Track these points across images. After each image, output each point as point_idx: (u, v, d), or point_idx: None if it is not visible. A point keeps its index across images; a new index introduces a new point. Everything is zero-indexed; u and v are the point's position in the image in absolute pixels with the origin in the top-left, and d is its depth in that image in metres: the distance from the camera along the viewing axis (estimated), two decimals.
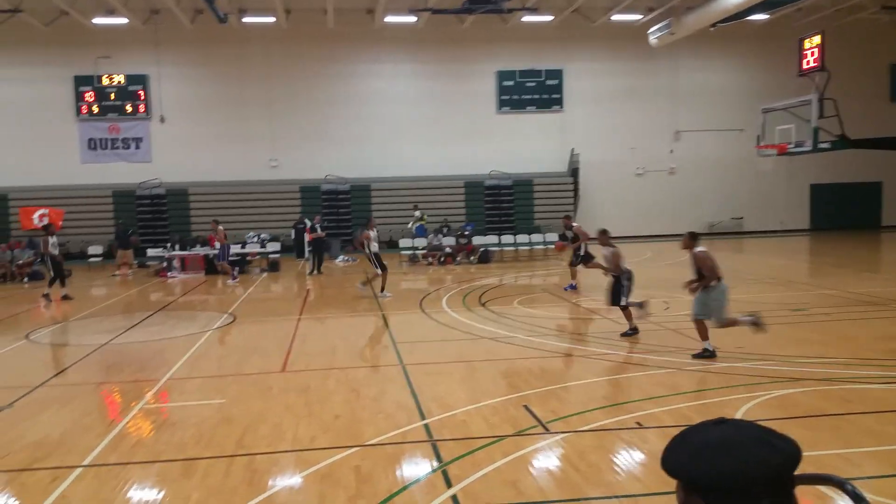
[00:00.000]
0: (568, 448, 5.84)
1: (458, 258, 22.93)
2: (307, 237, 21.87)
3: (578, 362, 8.90)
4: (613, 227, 29.90)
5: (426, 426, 6.50)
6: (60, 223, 23.91)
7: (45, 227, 17.84)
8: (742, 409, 6.64)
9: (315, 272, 20.44)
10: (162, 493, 5.25)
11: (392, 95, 28.61)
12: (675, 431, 1.33)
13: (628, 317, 10.21)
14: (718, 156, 29.84)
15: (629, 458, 5.64)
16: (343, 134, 28.13)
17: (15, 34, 25.84)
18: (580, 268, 15.53)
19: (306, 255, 22.20)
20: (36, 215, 23.46)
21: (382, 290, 15.36)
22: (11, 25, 25.28)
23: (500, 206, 28.44)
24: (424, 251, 23.17)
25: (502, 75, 29.13)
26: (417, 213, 25.63)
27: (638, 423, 6.36)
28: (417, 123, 28.57)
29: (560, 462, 5.58)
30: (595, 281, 14.42)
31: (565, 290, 15.61)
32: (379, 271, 15.22)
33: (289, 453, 5.96)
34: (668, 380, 7.85)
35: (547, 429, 6.30)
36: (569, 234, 16.43)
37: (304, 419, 6.84)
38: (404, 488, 5.14)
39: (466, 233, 24.02)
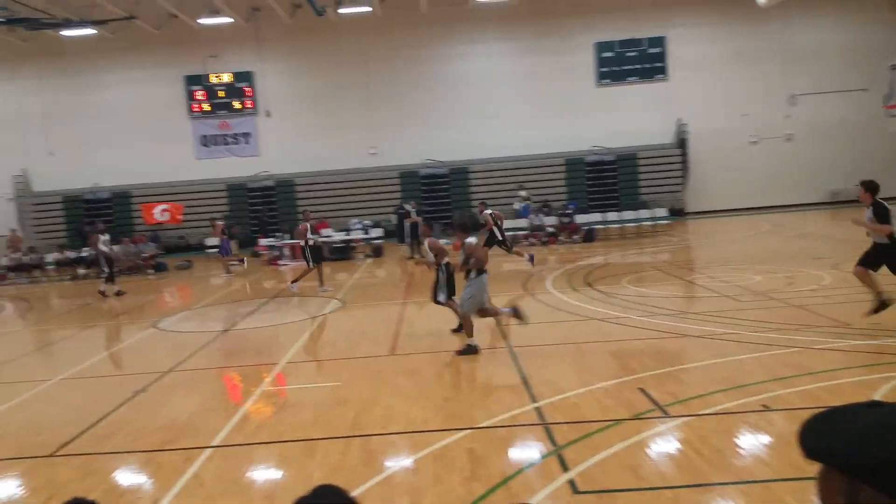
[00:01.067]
0: (689, 432, 5.59)
1: (562, 238, 22.57)
2: (407, 222, 22.13)
3: (695, 342, 8.51)
4: (727, 199, 28.97)
5: (537, 409, 6.40)
6: (180, 217, 25.39)
7: (95, 226, 18.76)
8: (881, 391, 6.14)
9: (416, 256, 20.65)
10: (286, 473, 5.44)
11: (487, 75, 28.38)
12: (806, 414, 1.24)
13: (455, 311, 9.78)
14: (840, 119, 27.76)
15: (756, 442, 5.35)
16: (440, 117, 28.21)
17: (130, 40, 27.47)
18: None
19: (406, 239, 22.48)
20: (157, 210, 25.02)
21: (321, 284, 15.08)
22: (127, 32, 26.88)
23: (603, 182, 27.71)
24: (526, 232, 22.90)
25: (601, 47, 28.26)
26: (523, 193, 25.40)
27: (764, 406, 6.00)
28: (514, 102, 28.23)
29: (682, 446, 5.34)
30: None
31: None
32: (309, 265, 15.05)
33: (402, 435, 6.03)
34: (793, 359, 7.38)
35: (666, 412, 6.05)
36: (480, 219, 15.99)
37: (415, 401, 6.91)
38: (519, 471, 5.08)
39: (569, 211, 23.57)
